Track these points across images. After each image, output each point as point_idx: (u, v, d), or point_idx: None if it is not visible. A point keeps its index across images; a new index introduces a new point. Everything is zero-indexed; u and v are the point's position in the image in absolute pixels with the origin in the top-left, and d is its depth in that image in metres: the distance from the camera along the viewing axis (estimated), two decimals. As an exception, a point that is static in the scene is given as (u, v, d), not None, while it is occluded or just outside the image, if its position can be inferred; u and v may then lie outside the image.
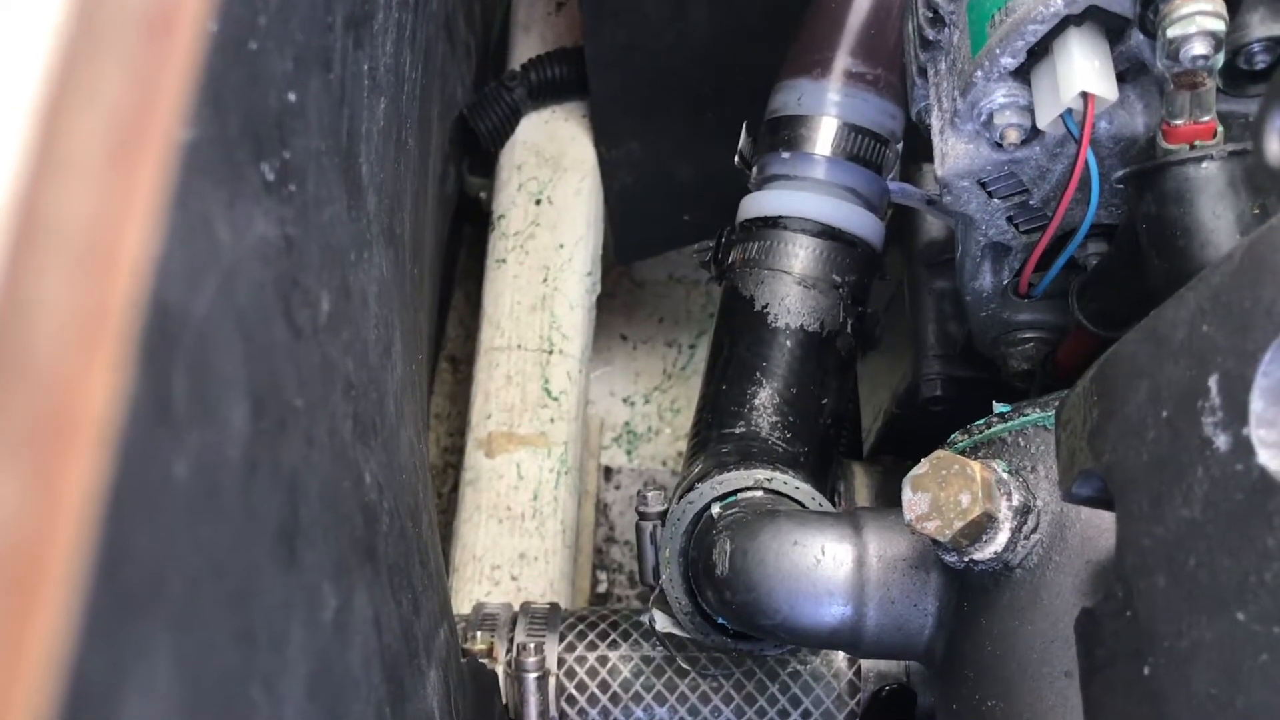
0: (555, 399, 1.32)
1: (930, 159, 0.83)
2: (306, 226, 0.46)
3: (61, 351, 0.19)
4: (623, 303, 1.64)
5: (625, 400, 1.59)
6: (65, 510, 0.20)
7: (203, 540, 0.32)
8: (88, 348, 0.20)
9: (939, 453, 0.72)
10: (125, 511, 0.25)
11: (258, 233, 0.39)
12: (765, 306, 0.99)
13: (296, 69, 0.45)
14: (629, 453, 1.56)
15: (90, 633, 0.22)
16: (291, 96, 0.44)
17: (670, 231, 1.48)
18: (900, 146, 1.03)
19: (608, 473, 1.54)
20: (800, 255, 0.99)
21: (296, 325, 0.44)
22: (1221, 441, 0.51)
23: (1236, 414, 0.50)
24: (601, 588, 1.46)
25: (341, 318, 0.53)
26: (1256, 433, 0.49)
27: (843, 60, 1.02)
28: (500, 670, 0.98)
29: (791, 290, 0.99)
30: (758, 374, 0.97)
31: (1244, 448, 0.50)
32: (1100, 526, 0.70)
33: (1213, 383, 0.52)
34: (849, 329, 1.00)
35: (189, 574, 0.31)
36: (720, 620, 0.90)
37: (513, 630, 1.01)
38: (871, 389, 1.22)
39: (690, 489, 0.90)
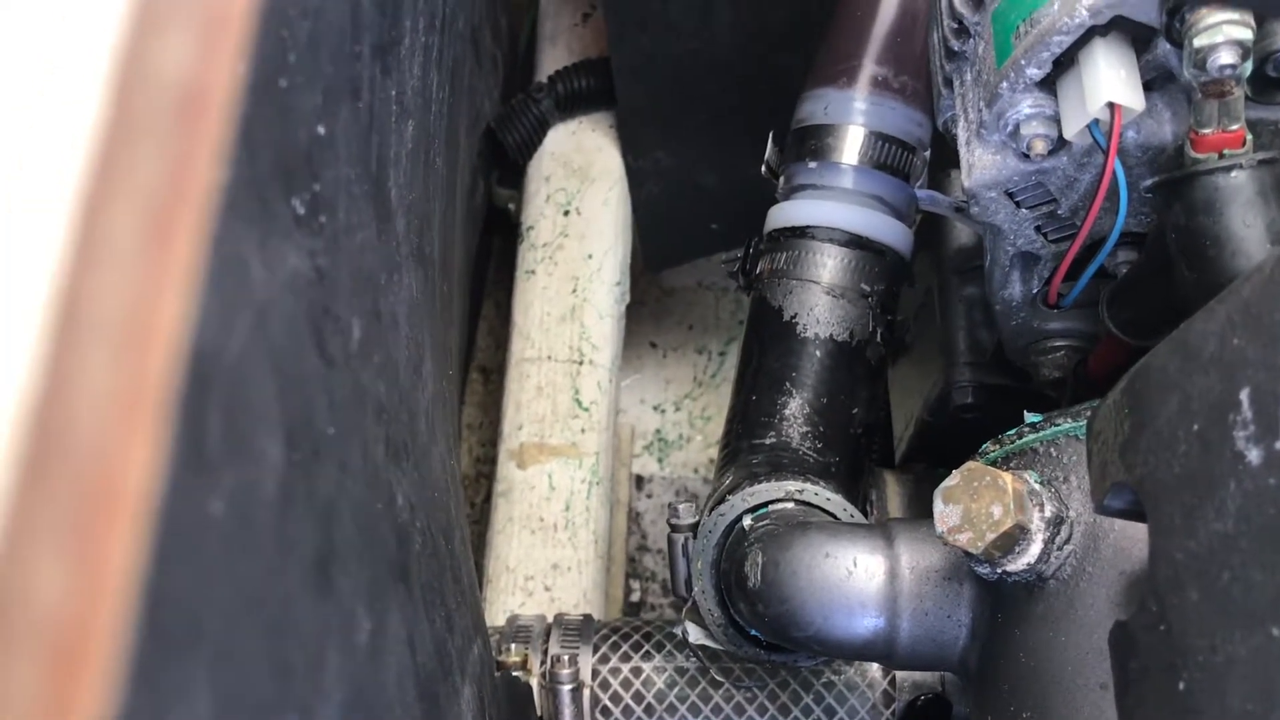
0: (586, 409, 1.32)
1: (958, 165, 0.83)
2: (337, 255, 0.47)
3: (102, 436, 0.20)
4: (652, 310, 1.64)
5: (656, 408, 1.60)
6: (109, 590, 0.20)
7: (239, 576, 0.33)
8: (127, 429, 0.20)
9: (970, 464, 0.71)
10: (163, 559, 0.25)
11: (289, 267, 0.39)
12: (794, 317, 0.99)
13: (326, 101, 0.46)
14: (660, 460, 1.56)
15: (132, 688, 0.22)
16: (321, 129, 0.45)
17: (698, 240, 1.48)
18: (928, 154, 1.03)
19: (639, 481, 1.55)
20: (829, 265, 0.99)
21: (328, 354, 0.45)
22: (1254, 455, 0.51)
23: (1268, 428, 0.50)
24: (635, 596, 1.47)
25: (372, 342, 0.54)
26: (1289, 447, 0.49)
27: (869, 68, 1.02)
28: (535, 682, 0.98)
29: (820, 300, 0.99)
30: (787, 384, 0.97)
31: (1276, 462, 0.50)
32: (1134, 537, 0.69)
33: (1244, 396, 0.52)
34: (878, 338, 1.00)
35: (226, 611, 0.32)
36: (753, 632, 0.90)
37: (547, 642, 1.01)
38: (902, 396, 1.21)
39: (721, 501, 0.90)
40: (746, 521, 0.88)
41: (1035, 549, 0.71)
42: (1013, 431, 0.78)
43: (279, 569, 0.37)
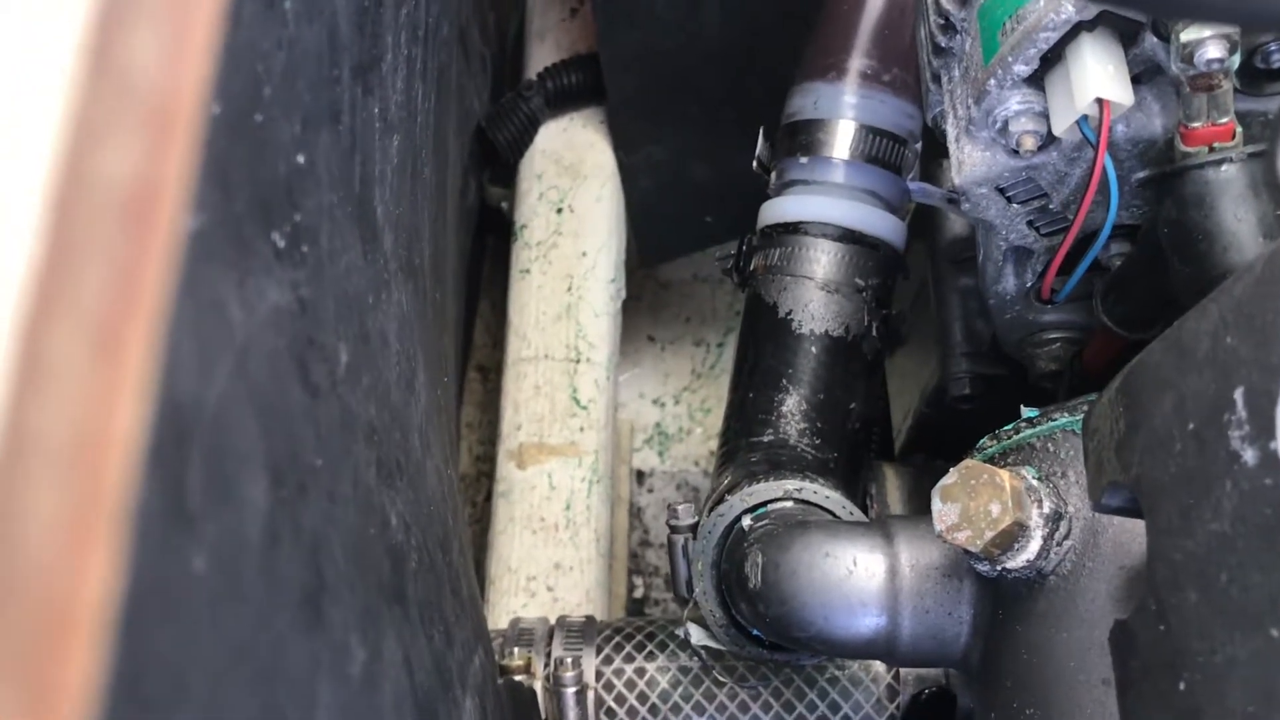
0: (584, 408, 1.32)
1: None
2: (321, 284, 0.46)
3: (54, 559, 0.19)
4: (649, 304, 1.64)
5: (655, 402, 1.59)
6: (64, 715, 0.20)
7: (225, 627, 0.33)
8: (80, 550, 0.20)
9: (967, 462, 0.71)
10: (142, 623, 0.25)
11: (270, 303, 0.39)
12: (789, 313, 0.98)
13: (304, 130, 0.45)
14: (661, 454, 1.56)
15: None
16: (300, 158, 0.44)
17: (693, 234, 1.48)
18: (919, 146, 1.02)
19: (640, 476, 1.54)
20: (822, 260, 0.99)
21: (314, 384, 0.44)
22: (1249, 455, 0.50)
23: (1263, 428, 0.50)
24: (638, 592, 1.47)
25: (361, 365, 0.53)
26: (1284, 447, 0.49)
27: (858, 62, 1.01)
28: (539, 686, 0.98)
29: (815, 296, 0.98)
30: (784, 381, 0.97)
31: (1272, 462, 0.49)
32: (1133, 532, 0.69)
33: (1238, 396, 0.51)
34: (874, 331, 1.00)
35: (212, 666, 0.31)
36: (755, 632, 0.90)
37: (549, 645, 1.01)
38: (900, 387, 1.21)
39: (720, 501, 0.90)
40: (746, 522, 0.88)
41: (1034, 545, 0.70)
42: (1009, 427, 0.78)
43: (267, 613, 0.36)
